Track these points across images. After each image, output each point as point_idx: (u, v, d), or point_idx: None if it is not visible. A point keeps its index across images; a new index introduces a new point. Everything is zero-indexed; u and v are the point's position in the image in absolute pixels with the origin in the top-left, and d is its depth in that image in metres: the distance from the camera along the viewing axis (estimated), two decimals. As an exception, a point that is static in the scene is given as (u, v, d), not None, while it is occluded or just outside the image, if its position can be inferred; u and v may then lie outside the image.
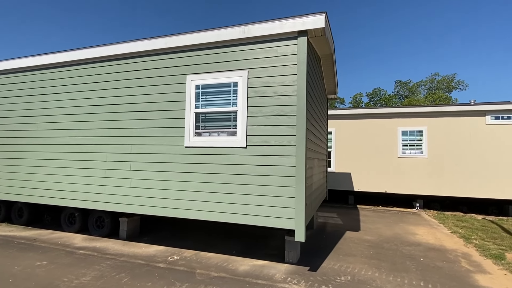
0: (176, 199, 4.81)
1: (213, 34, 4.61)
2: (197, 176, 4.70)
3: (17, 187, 6.31)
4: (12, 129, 6.38)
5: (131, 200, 5.15)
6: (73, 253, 5.11)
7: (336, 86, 7.99)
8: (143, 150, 5.09)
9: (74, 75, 5.69)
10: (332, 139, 11.21)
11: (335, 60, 6.82)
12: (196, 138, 4.74)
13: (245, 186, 4.42)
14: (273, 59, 4.37)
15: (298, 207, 4.07)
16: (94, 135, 5.50)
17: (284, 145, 4.25)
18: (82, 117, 5.60)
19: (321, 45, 5.43)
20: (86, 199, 5.54)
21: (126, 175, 5.19)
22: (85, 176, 5.54)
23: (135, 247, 5.53)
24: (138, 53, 5.17)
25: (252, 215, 4.35)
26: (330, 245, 5.91)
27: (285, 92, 4.27)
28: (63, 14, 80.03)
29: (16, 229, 6.63)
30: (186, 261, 4.81)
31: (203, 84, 4.73)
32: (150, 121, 5.06)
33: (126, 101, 5.25)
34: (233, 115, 4.57)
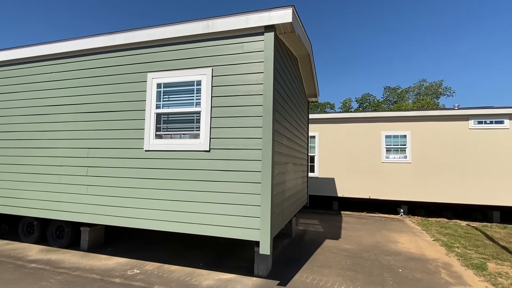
0: (135, 207, 4.42)
1: (175, 29, 4.29)
2: (157, 182, 4.32)
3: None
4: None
5: (87, 208, 4.73)
6: (22, 267, 4.64)
7: (316, 89, 7.74)
8: (100, 154, 4.69)
9: (28, 73, 5.27)
10: (316, 143, 10.96)
11: (313, 62, 6.57)
12: (157, 141, 4.37)
13: (208, 194, 4.06)
14: (239, 56, 4.07)
15: (264, 216, 3.73)
16: (49, 138, 5.07)
17: (249, 149, 3.92)
18: (38, 119, 5.17)
19: (295, 44, 5.16)
20: (39, 207, 5.09)
21: (82, 181, 4.78)
22: (39, 182, 5.09)
23: (94, 259, 5.09)
24: (97, 49, 4.80)
25: (215, 225, 3.99)
26: (306, 255, 5.58)
27: (251, 91, 3.96)
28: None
29: (-31, 240, 6.10)
30: (145, 276, 4.40)
31: (165, 83, 4.39)
32: (108, 122, 4.67)
33: (84, 101, 4.86)
34: (197, 116, 4.23)
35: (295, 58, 6.03)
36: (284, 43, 4.77)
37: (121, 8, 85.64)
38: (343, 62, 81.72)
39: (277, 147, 4.23)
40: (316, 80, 7.47)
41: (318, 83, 7.84)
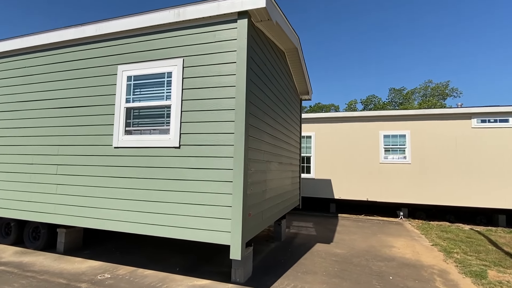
0: (104, 208, 4.16)
1: (146, 18, 4.04)
2: (126, 181, 4.06)
3: None
4: None
5: (57, 209, 4.50)
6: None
7: (308, 86, 7.42)
8: (70, 151, 4.46)
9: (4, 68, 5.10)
10: (312, 143, 10.62)
11: (302, 56, 6.27)
12: (126, 137, 4.12)
13: (178, 193, 3.78)
14: (211, 45, 3.80)
15: (235, 218, 3.43)
16: (20, 135, 4.87)
17: (221, 145, 3.63)
18: (7, 115, 4.98)
19: (278, 36, 4.88)
20: (9, 207, 4.88)
21: (52, 180, 4.55)
22: (9, 180, 4.88)
23: (67, 262, 4.84)
24: (68, 41, 4.59)
25: (185, 227, 3.70)
26: (292, 260, 5.25)
27: (224, 83, 3.68)
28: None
29: None
30: (115, 281, 4.13)
31: (135, 75, 4.14)
32: (78, 118, 4.44)
33: (54, 96, 4.64)
34: (167, 111, 3.96)
35: (281, 52, 5.75)
36: (264, 34, 4.49)
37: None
38: (350, 64, 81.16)
39: (253, 144, 3.93)
40: (307, 76, 7.16)
41: (310, 79, 7.53)
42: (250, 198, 3.79)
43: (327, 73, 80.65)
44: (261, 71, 4.31)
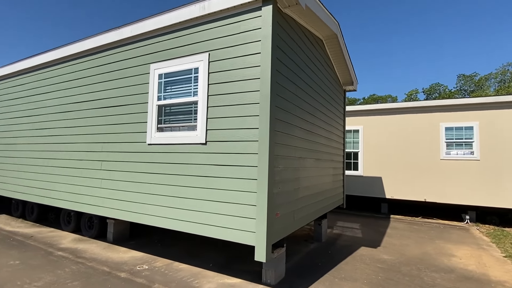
0: (140, 203, 4.34)
1: (174, 15, 4.05)
2: (158, 177, 4.16)
3: (21, 186, 6.52)
4: (17, 134, 6.63)
5: (102, 202, 4.84)
6: (50, 254, 4.96)
7: (351, 76, 6.84)
8: (111, 148, 4.75)
9: (54, 75, 5.67)
10: (359, 138, 9.86)
11: (342, 43, 5.77)
12: (158, 134, 4.22)
13: (203, 190, 3.73)
14: (235, 37, 3.64)
15: (260, 218, 3.25)
16: (73, 133, 5.35)
17: (246, 141, 3.47)
18: (63, 116, 5.51)
19: (313, 22, 4.52)
20: (66, 199, 5.41)
21: (97, 175, 4.90)
22: (65, 175, 5.42)
23: (113, 251, 5.21)
24: (108, 45, 4.86)
25: (212, 225, 3.64)
26: (331, 263, 4.89)
27: (248, 75, 3.50)
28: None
29: (25, 226, 6.87)
30: (151, 272, 4.29)
31: (165, 73, 4.20)
32: (117, 117, 4.70)
33: (99, 97, 4.98)
34: (194, 107, 3.93)
35: (319, 40, 5.34)
36: (295, 21, 4.18)
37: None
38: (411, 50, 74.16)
39: (281, 139, 3.69)
40: (350, 66, 6.59)
41: (354, 69, 6.93)
42: (278, 197, 3.57)
43: (382, 61, 74.71)
44: (292, 61, 4.03)
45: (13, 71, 6.77)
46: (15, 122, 6.67)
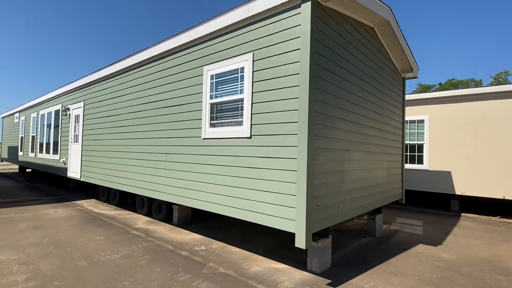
0: (196, 190, 4.87)
1: (222, 20, 4.39)
2: (211, 168, 4.61)
3: (106, 175, 7.78)
4: (103, 131, 7.88)
5: (167, 189, 5.54)
6: (127, 233, 5.89)
7: (410, 63, 6.36)
8: (173, 143, 5.39)
9: (127, 80, 6.59)
10: (425, 129, 9.07)
11: (396, 29, 5.44)
12: (211, 129, 4.65)
13: (249, 180, 4.03)
14: (277, 35, 3.80)
15: (299, 207, 3.41)
16: (144, 130, 6.19)
17: (286, 134, 3.64)
18: (136, 115, 6.40)
19: (358, 11, 4.41)
20: (138, 186, 6.31)
21: (163, 165, 5.62)
22: (138, 166, 6.31)
23: (177, 233, 5.92)
24: (169, 51, 5.48)
25: (257, 212, 3.93)
26: (381, 258, 4.78)
27: (288, 71, 3.64)
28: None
29: (109, 209, 8.19)
30: (207, 253, 4.80)
31: (216, 74, 4.59)
32: (177, 115, 5.30)
33: (163, 98, 5.67)
34: (241, 104, 4.23)
35: (369, 28, 5.15)
36: (339, 13, 4.14)
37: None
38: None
39: (323, 132, 3.76)
40: (408, 52, 6.14)
41: (413, 55, 6.44)
42: (319, 188, 3.67)
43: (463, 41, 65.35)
44: (335, 53, 4.03)
45: (97, 78, 8.06)
46: (102, 121, 7.95)
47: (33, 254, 4.56)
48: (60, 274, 3.86)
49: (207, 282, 3.74)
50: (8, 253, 4.58)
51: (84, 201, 9.27)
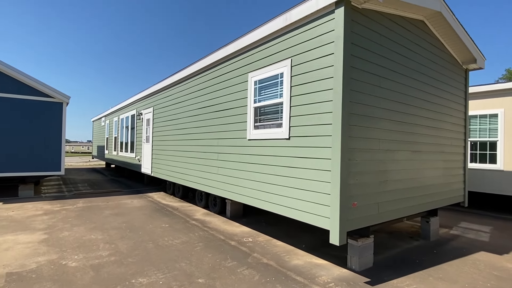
0: (242, 186, 5.33)
1: (263, 29, 4.71)
2: (255, 166, 5.00)
3: (171, 171, 8.82)
4: (173, 133, 8.93)
5: (218, 184, 6.13)
6: (187, 222, 6.68)
7: (472, 52, 5.79)
8: (223, 143, 5.94)
9: (186, 87, 7.40)
10: (499, 124, 8.05)
11: (451, 19, 5.07)
12: (255, 131, 5.03)
13: (287, 179, 4.29)
14: (312, 41, 3.97)
15: (333, 205, 3.57)
16: (200, 132, 6.91)
17: (321, 135, 3.80)
18: (194, 118, 7.18)
19: (401, 7, 4.30)
20: (196, 182, 7.08)
21: (216, 164, 6.22)
22: (196, 164, 7.07)
23: (229, 225, 6.49)
24: (218, 61, 6.05)
25: (293, 208, 4.19)
26: (430, 262, 4.59)
27: (323, 75, 3.79)
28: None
29: (174, 201, 9.27)
30: (253, 244, 5.23)
31: (259, 79, 4.94)
32: (227, 117, 5.83)
33: (215, 102, 6.28)
34: (280, 107, 4.51)
35: (418, 21, 4.92)
36: (379, 12, 4.11)
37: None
38: None
39: (359, 132, 3.81)
40: (469, 41, 5.62)
41: (475, 43, 5.85)
42: (355, 188, 3.75)
43: None
44: (374, 54, 4.02)
45: (162, 86, 9.17)
46: (167, 124, 9.04)
47: (114, 235, 5.58)
48: (133, 253, 4.70)
49: (250, 269, 4.15)
50: (96, 233, 5.68)
51: (155, 193, 10.63)
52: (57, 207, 7.99)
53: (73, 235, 5.52)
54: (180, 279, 3.80)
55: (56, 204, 8.32)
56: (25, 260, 4.33)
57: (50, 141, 9.50)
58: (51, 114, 9.52)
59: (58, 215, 7.09)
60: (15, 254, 4.57)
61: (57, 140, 9.62)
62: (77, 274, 3.90)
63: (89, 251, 4.72)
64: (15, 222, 6.36)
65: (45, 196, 9.60)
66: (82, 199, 9.22)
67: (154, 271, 4.03)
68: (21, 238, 5.34)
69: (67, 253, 4.62)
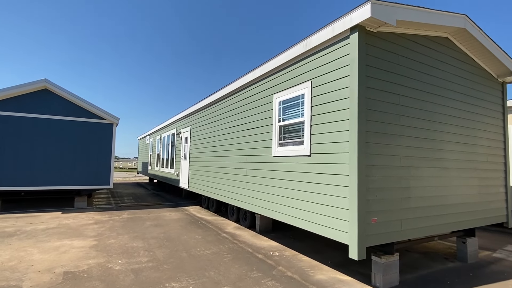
0: (267, 201, 5.59)
1: (286, 55, 5.08)
2: (280, 182, 5.25)
3: (205, 186, 9.37)
4: (203, 150, 9.58)
5: (246, 199, 6.45)
6: (219, 235, 7.06)
7: (505, 65, 5.58)
8: (251, 160, 6.29)
9: (218, 108, 8.01)
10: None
11: (478, 33, 5.02)
12: (279, 148, 5.32)
13: (309, 194, 4.48)
14: (330, 64, 4.23)
15: (352, 220, 3.68)
16: (231, 149, 7.38)
17: (339, 153, 3.98)
18: (226, 136, 7.70)
19: (421, 27, 4.42)
20: (227, 196, 7.48)
21: (244, 179, 6.58)
22: (227, 179, 7.50)
23: (258, 239, 6.74)
24: (247, 84, 6.53)
25: (314, 223, 4.34)
26: (464, 284, 4.40)
27: (340, 96, 4.01)
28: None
29: (208, 214, 9.75)
30: (279, 258, 5.41)
31: (283, 100, 5.28)
32: (253, 136, 6.21)
33: (243, 122, 6.73)
34: (302, 126, 4.77)
35: (441, 38, 4.95)
36: (396, 34, 4.28)
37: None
38: None
39: (378, 150, 3.92)
40: (501, 55, 5.44)
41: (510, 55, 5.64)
42: (375, 204, 3.83)
43: None
44: (391, 73, 4.16)
45: (198, 108, 9.92)
46: (202, 142, 9.70)
47: (153, 244, 6.12)
48: (168, 260, 5.15)
49: (274, 281, 4.35)
50: (138, 242, 6.28)
51: (191, 207, 11.25)
52: (105, 217, 8.89)
53: (118, 243, 6.17)
54: (208, 285, 4.13)
55: (105, 215, 9.24)
56: (79, 262, 4.98)
57: (101, 158, 10.66)
58: (103, 134, 10.73)
59: (106, 224, 7.91)
60: (71, 256, 5.26)
61: (107, 158, 10.76)
62: (120, 276, 4.42)
63: (131, 257, 5.27)
64: (71, 230, 7.25)
65: (96, 207, 10.68)
66: (127, 211, 10.10)
67: (186, 277, 4.41)
68: (75, 243, 6.10)
69: (113, 258, 5.21)
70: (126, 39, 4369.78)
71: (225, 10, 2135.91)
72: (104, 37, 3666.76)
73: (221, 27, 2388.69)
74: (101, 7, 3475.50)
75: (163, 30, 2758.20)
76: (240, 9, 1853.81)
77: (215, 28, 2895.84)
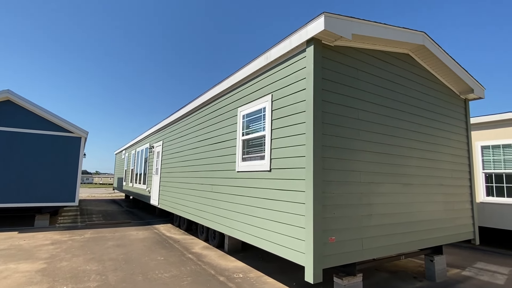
0: (231, 219, 5.31)
1: (249, 68, 4.98)
2: (242, 198, 5.01)
3: (174, 203, 8.97)
4: (173, 165, 9.24)
5: (212, 217, 6.14)
6: (183, 255, 6.65)
7: (468, 82, 5.70)
8: (216, 175, 6.04)
9: (187, 122, 7.80)
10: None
11: (438, 51, 5.10)
12: (242, 163, 5.11)
13: (270, 211, 4.25)
14: (289, 77, 4.14)
15: (308, 240, 3.47)
16: (198, 164, 7.10)
17: (296, 168, 3.81)
18: (193, 151, 7.44)
19: (378, 42, 4.42)
20: (195, 215, 7.12)
21: (210, 196, 6.29)
22: (195, 196, 7.18)
23: (224, 259, 6.38)
24: (213, 97, 6.39)
25: (274, 243, 4.09)
26: (428, 306, 4.21)
27: (297, 109, 3.89)
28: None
29: (178, 233, 9.29)
30: (242, 280, 5.09)
31: (246, 113, 5.13)
32: (218, 151, 5.99)
33: (209, 136, 6.52)
34: (263, 140, 4.61)
35: (403, 55, 5.00)
36: (356, 48, 4.26)
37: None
38: None
39: (335, 165, 3.78)
40: (461, 72, 5.56)
41: (471, 74, 5.77)
42: (333, 222, 3.65)
43: None
44: (349, 87, 4.10)
45: (168, 122, 9.66)
46: (172, 156, 9.38)
47: (109, 267, 5.66)
48: (119, 285, 4.72)
49: (230, 307, 4.02)
50: (92, 264, 5.80)
51: (162, 225, 10.73)
52: (65, 237, 8.28)
53: (70, 265, 5.67)
54: (155, 314, 3.75)
55: (66, 234, 8.63)
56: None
57: (67, 174, 10.09)
58: (70, 148, 10.22)
59: (64, 245, 7.34)
60: (10, 282, 4.75)
61: (73, 173, 10.20)
62: (58, 305, 3.97)
63: (78, 282, 4.81)
64: (22, 251, 6.65)
65: (59, 226, 10.00)
66: (92, 230, 9.50)
67: (133, 304, 4.01)
68: (21, 267, 5.55)
69: (58, 283, 4.73)
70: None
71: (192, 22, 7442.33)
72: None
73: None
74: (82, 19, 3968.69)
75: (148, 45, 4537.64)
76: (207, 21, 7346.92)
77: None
